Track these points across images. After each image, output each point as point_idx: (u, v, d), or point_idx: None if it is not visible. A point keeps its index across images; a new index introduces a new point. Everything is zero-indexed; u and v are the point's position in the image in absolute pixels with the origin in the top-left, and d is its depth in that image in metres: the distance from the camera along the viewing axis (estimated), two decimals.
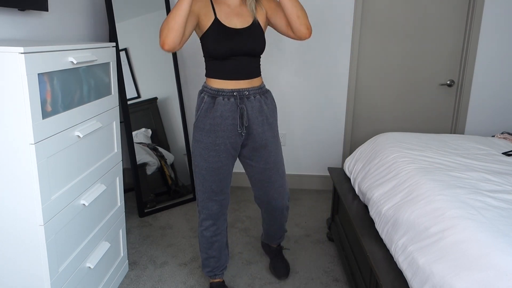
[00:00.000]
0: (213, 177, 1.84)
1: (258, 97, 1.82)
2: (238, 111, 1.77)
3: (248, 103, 1.79)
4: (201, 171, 1.85)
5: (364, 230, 1.86)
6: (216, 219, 1.95)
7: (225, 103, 1.76)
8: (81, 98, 1.66)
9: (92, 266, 1.77)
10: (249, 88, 1.79)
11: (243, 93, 1.78)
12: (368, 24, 3.19)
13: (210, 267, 2.05)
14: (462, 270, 1.22)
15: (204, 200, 1.90)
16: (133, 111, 2.92)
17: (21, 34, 1.96)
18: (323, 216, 3.00)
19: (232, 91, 1.77)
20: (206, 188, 1.87)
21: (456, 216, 1.41)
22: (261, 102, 1.83)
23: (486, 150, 2.23)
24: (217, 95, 1.77)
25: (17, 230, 1.43)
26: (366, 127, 3.41)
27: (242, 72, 1.77)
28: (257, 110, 1.81)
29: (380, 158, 2.16)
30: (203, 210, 1.93)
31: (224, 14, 1.74)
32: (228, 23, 1.73)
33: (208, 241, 1.98)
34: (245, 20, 1.77)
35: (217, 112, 1.76)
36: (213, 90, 1.78)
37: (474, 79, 3.24)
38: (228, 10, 1.76)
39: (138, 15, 2.94)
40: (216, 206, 1.91)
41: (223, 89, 1.76)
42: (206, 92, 1.80)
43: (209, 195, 1.88)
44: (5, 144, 1.36)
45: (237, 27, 1.74)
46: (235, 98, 1.77)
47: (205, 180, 1.85)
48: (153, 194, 3.02)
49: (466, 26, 3.18)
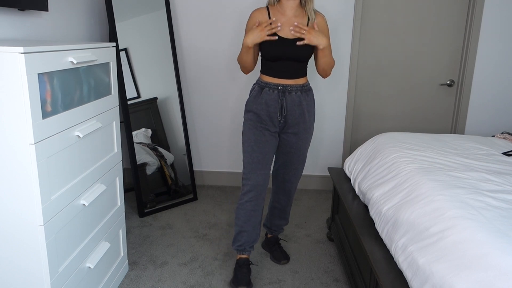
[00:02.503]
0: (260, 149, 2.09)
1: (299, 93, 2.09)
2: (279, 102, 2.06)
3: (288, 97, 2.07)
4: (250, 143, 2.10)
5: (364, 230, 1.86)
6: (259, 193, 2.11)
7: (269, 94, 2.07)
8: (81, 98, 1.66)
9: (92, 266, 1.77)
10: (292, 85, 2.08)
11: (286, 88, 2.07)
12: (368, 24, 3.19)
13: (241, 241, 2.17)
14: (462, 270, 1.22)
15: (250, 171, 2.10)
16: (133, 111, 2.92)
17: (21, 34, 1.96)
18: (323, 216, 3.00)
19: (277, 85, 2.07)
20: (253, 159, 2.09)
21: (456, 216, 1.41)
22: (301, 98, 2.09)
23: (486, 150, 2.23)
24: (264, 86, 2.09)
25: (17, 230, 1.43)
26: (366, 127, 3.41)
27: (288, 73, 2.06)
28: (296, 104, 2.08)
29: (380, 158, 2.16)
30: (247, 182, 2.11)
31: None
32: (281, 33, 2.02)
33: (247, 214, 2.13)
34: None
35: (263, 99, 2.08)
36: (263, 82, 2.11)
37: (474, 79, 3.24)
38: (283, 20, 2.04)
39: (138, 15, 2.94)
40: (260, 177, 2.10)
41: (270, 82, 2.08)
42: (257, 84, 2.13)
43: (255, 165, 2.09)
44: (5, 144, 1.36)
45: (288, 37, 2.01)
46: (279, 91, 2.06)
47: (253, 151, 2.09)
48: (153, 194, 3.02)
49: (466, 26, 3.18)
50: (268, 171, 2.14)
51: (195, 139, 3.47)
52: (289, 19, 2.05)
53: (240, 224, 2.16)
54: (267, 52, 2.06)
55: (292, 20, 2.05)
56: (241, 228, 2.16)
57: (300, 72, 2.10)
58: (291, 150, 2.19)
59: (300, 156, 2.22)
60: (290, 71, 2.07)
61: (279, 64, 2.06)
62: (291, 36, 2.03)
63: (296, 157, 2.21)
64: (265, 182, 2.13)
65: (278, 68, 2.06)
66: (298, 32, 1.97)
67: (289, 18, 2.05)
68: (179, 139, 3.19)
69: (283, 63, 2.05)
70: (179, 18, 3.20)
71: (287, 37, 2.03)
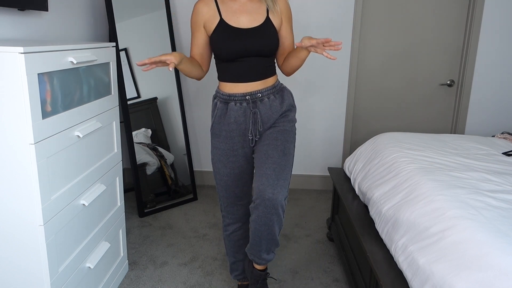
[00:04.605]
0: (235, 182, 1.80)
1: (272, 97, 1.72)
2: (251, 116, 1.70)
3: (261, 106, 1.70)
4: (222, 177, 1.80)
5: (364, 230, 1.86)
6: (243, 222, 1.91)
7: (237, 109, 1.70)
8: (81, 98, 1.66)
9: (92, 266, 1.77)
10: (262, 89, 1.70)
11: (255, 95, 1.69)
12: (368, 24, 3.19)
13: (239, 270, 2.02)
14: (462, 270, 1.22)
15: (229, 205, 1.86)
16: (133, 111, 2.92)
17: (21, 34, 1.96)
18: (323, 216, 3.00)
19: (244, 95, 1.68)
20: (229, 194, 1.82)
21: (456, 216, 1.41)
22: (276, 102, 1.72)
23: (486, 150, 2.23)
24: (229, 101, 1.71)
25: (17, 230, 1.43)
26: (366, 127, 3.41)
27: (254, 73, 1.68)
28: (274, 110, 1.72)
29: (380, 158, 2.16)
30: (228, 215, 1.89)
31: (231, 13, 1.66)
32: (235, 22, 1.65)
33: (235, 244, 1.94)
34: (254, 19, 1.67)
35: (231, 119, 1.71)
36: (225, 95, 1.72)
37: (474, 79, 3.24)
38: (236, 7, 1.67)
39: (138, 15, 2.93)
40: (242, 210, 1.87)
41: (235, 93, 1.69)
42: (218, 98, 1.75)
43: (233, 200, 1.84)
44: (5, 144, 1.36)
45: (244, 26, 1.64)
46: (248, 102, 1.69)
47: (228, 186, 1.80)
48: (153, 194, 3.02)
49: (466, 26, 3.18)
50: (249, 198, 1.84)
51: (195, 139, 3.47)
52: (242, 5, 1.67)
53: (232, 255, 1.98)
54: (220, 50, 1.65)
55: (247, 6, 1.67)
56: (234, 259, 1.99)
57: (268, 71, 1.71)
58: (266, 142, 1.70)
59: (279, 146, 1.67)
60: (255, 71, 1.67)
61: (240, 64, 1.66)
62: (248, 24, 1.64)
63: (273, 147, 1.67)
64: (247, 210, 1.85)
65: (239, 69, 1.66)
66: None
67: (242, 4, 1.67)
68: (179, 139, 3.19)
69: (245, 61, 1.65)
70: (179, 18, 3.20)
71: (243, 26, 1.64)
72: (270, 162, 1.63)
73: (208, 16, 1.69)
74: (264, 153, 1.67)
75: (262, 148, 1.69)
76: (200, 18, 1.70)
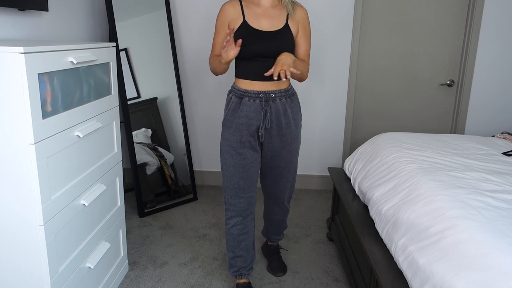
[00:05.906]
0: (240, 174, 1.88)
1: (283, 100, 1.86)
2: (262, 113, 1.83)
3: (273, 106, 1.84)
4: (228, 168, 1.89)
5: (364, 230, 1.86)
6: (244, 217, 1.95)
7: (250, 104, 1.83)
8: (81, 98, 1.66)
9: (92, 266, 1.77)
10: (275, 90, 1.84)
11: (269, 95, 1.82)
12: (368, 24, 3.19)
13: (237, 266, 2.04)
14: (462, 270, 1.22)
15: (232, 197, 1.92)
16: (133, 111, 2.92)
17: (21, 34, 1.96)
18: (323, 216, 3.00)
19: (258, 93, 1.82)
20: (233, 185, 1.90)
21: (456, 216, 1.41)
22: (286, 105, 1.87)
23: (486, 150, 2.23)
24: (243, 96, 1.84)
25: (17, 230, 1.43)
26: (366, 127, 3.41)
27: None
28: (281, 113, 1.86)
29: (380, 158, 2.16)
30: (230, 208, 1.94)
31: (254, 16, 1.81)
32: (256, 25, 1.79)
33: (235, 239, 1.98)
34: (274, 24, 1.82)
35: (243, 112, 1.83)
36: (240, 91, 1.85)
37: (474, 79, 3.24)
38: (259, 12, 1.82)
39: (138, 15, 2.94)
40: (244, 203, 1.93)
41: (249, 90, 1.83)
42: (233, 93, 1.88)
43: (236, 192, 1.91)
44: (5, 144, 1.36)
45: (265, 29, 1.79)
46: (261, 100, 1.82)
47: (233, 176, 1.89)
48: (153, 194, 3.02)
49: (466, 26, 3.18)
50: (253, 193, 1.95)
51: (195, 139, 3.47)
52: (265, 10, 1.82)
53: (232, 250, 2.01)
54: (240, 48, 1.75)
55: (269, 11, 1.82)
56: (233, 254, 2.02)
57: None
58: (280, 165, 1.98)
59: (291, 169, 2.02)
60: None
61: (258, 64, 1.79)
62: (268, 27, 1.80)
63: (287, 170, 2.01)
64: (251, 205, 1.95)
65: (256, 68, 1.79)
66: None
67: (265, 9, 1.83)
68: (179, 139, 3.19)
69: (262, 62, 1.79)
70: (179, 18, 3.20)
71: (263, 29, 1.79)
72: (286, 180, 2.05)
73: (233, 17, 1.83)
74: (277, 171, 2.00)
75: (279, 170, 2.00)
76: (226, 18, 1.84)
